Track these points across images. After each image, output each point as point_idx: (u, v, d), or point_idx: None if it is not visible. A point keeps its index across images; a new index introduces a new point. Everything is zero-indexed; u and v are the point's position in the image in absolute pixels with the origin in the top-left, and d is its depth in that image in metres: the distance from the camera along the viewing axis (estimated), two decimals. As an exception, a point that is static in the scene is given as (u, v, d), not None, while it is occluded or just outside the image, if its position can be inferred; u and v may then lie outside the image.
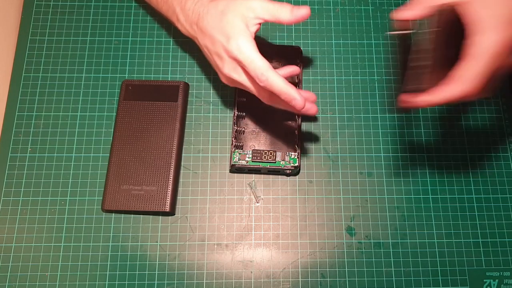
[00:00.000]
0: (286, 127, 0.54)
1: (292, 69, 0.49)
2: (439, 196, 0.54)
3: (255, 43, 0.42)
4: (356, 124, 0.56)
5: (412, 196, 0.54)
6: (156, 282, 0.50)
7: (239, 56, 0.41)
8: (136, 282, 0.50)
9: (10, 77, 0.57)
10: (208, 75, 0.58)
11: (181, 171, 0.54)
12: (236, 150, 0.53)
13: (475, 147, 0.56)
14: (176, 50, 0.59)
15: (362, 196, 0.54)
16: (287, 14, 0.42)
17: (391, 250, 0.52)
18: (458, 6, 0.32)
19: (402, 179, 0.55)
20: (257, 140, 0.54)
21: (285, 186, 0.54)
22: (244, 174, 0.54)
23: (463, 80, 0.32)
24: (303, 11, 0.42)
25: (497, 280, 0.51)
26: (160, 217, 0.52)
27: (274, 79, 0.40)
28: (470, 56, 0.31)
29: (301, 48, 0.58)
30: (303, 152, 0.55)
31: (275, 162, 0.52)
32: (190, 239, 0.52)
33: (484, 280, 0.51)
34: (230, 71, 0.44)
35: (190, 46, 0.58)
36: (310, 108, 0.43)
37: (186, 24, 0.47)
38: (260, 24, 0.44)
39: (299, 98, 0.40)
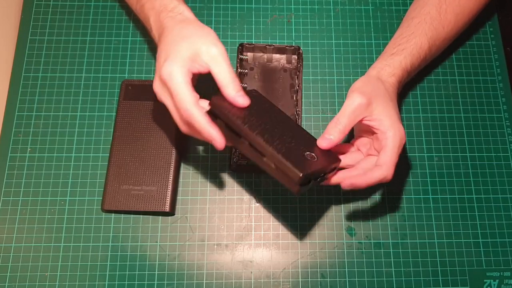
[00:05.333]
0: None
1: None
2: (439, 196, 0.54)
3: (189, 76, 0.40)
4: (356, 124, 0.56)
5: (412, 196, 0.54)
6: (156, 282, 0.50)
7: (168, 82, 0.40)
8: (136, 282, 0.50)
9: (10, 77, 0.57)
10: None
11: (181, 171, 0.54)
12: (236, 150, 0.53)
13: (475, 147, 0.56)
14: (176, 50, 0.59)
15: (362, 196, 0.54)
16: (231, 92, 0.40)
17: (391, 250, 0.52)
18: (366, 121, 0.44)
19: (402, 179, 0.55)
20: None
21: (285, 186, 0.54)
22: (244, 174, 0.54)
23: (386, 166, 0.43)
24: (242, 101, 0.41)
25: (497, 280, 0.51)
26: (160, 217, 0.52)
27: (197, 116, 0.39)
28: (386, 147, 0.43)
29: (301, 48, 0.58)
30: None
31: (275, 162, 0.52)
32: (190, 239, 0.52)
33: (485, 280, 0.51)
34: (158, 90, 0.42)
35: (190, 46, 0.58)
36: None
37: (156, 37, 0.46)
38: (200, 73, 0.41)
39: (219, 140, 0.40)
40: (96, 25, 0.60)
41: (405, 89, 0.58)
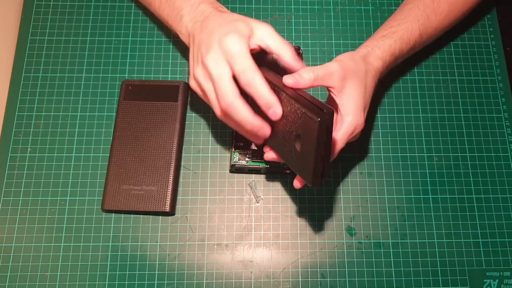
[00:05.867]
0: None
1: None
2: (439, 196, 0.54)
3: (249, 50, 0.41)
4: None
5: (412, 196, 0.54)
6: (156, 282, 0.50)
7: (232, 47, 0.40)
8: (136, 282, 0.50)
9: (10, 77, 0.57)
10: (208, 75, 0.58)
11: (181, 171, 0.54)
12: (236, 150, 0.53)
13: (475, 147, 0.56)
14: (176, 50, 0.59)
15: (362, 196, 0.54)
16: (288, 56, 0.42)
17: (391, 250, 0.52)
18: (334, 93, 0.44)
19: (402, 179, 0.55)
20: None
21: (285, 186, 0.54)
22: (244, 174, 0.54)
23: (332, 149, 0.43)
24: (298, 66, 0.42)
25: (497, 280, 0.51)
26: (160, 217, 0.52)
27: (260, 81, 0.39)
28: (338, 131, 0.44)
29: (301, 48, 0.58)
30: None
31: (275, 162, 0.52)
32: (190, 239, 0.52)
33: (484, 280, 0.51)
34: (211, 61, 0.41)
35: (190, 46, 0.58)
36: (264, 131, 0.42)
37: (190, 23, 0.46)
38: (259, 48, 0.43)
39: (279, 108, 0.40)
40: (96, 25, 0.60)
41: (405, 89, 0.59)
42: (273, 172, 0.54)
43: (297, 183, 0.45)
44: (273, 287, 0.50)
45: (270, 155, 0.45)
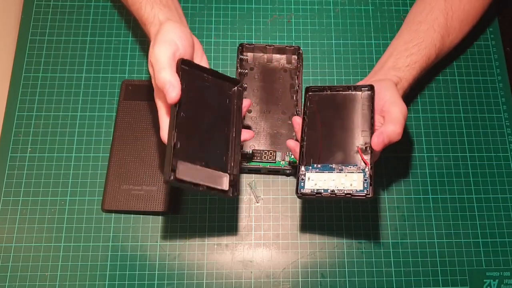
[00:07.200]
0: (285, 127, 0.54)
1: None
2: (439, 196, 0.54)
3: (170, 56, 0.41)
4: (356, 124, 0.56)
5: (412, 196, 0.54)
6: (156, 282, 0.50)
7: (150, 57, 0.42)
8: (136, 282, 0.50)
9: (10, 77, 0.57)
10: (208, 75, 0.58)
11: (181, 171, 0.54)
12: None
13: (475, 147, 0.56)
14: (176, 50, 0.59)
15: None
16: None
17: (391, 250, 0.52)
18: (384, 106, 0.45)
19: (402, 179, 0.55)
20: (257, 140, 0.53)
21: (285, 186, 0.54)
22: (244, 174, 0.54)
23: (396, 121, 0.44)
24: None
25: (497, 280, 0.51)
26: (160, 217, 0.52)
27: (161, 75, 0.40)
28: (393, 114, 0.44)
29: (301, 48, 0.58)
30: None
31: (275, 162, 0.52)
32: (190, 239, 0.52)
33: (484, 280, 0.51)
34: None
35: (190, 46, 0.58)
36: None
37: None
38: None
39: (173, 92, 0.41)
40: (96, 25, 0.60)
41: (405, 89, 0.59)
42: (273, 173, 0.54)
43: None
44: (273, 287, 0.50)
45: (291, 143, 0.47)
